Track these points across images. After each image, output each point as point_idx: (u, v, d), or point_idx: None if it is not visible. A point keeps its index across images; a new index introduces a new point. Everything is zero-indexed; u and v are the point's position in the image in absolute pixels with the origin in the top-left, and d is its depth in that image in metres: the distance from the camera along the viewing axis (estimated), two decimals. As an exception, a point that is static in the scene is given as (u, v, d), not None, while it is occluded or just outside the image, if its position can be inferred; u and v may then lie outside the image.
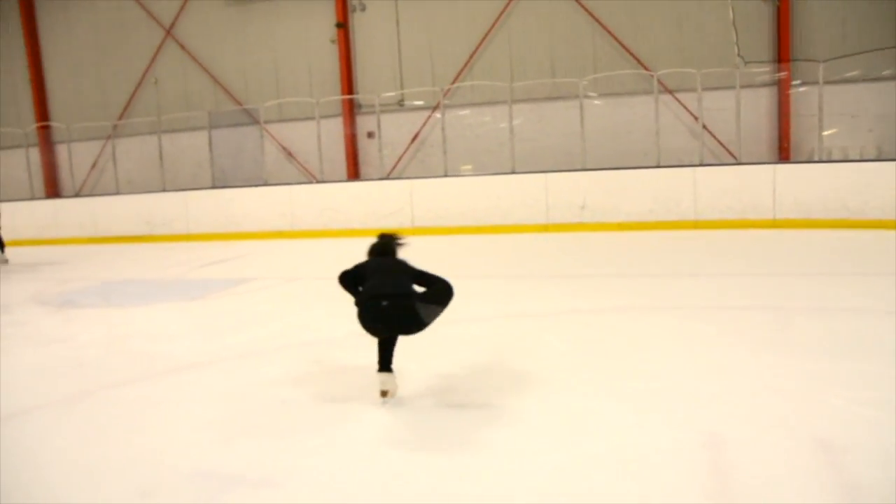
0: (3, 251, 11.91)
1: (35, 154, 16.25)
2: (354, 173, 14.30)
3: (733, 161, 11.95)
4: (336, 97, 14.00)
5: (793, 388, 3.92)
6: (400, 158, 13.90)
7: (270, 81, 14.72)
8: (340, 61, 14.26)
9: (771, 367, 4.30)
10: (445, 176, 12.62)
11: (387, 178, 13.38)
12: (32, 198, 15.39)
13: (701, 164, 11.46)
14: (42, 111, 16.57)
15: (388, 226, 12.09)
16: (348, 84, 13.97)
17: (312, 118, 13.47)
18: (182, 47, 15.44)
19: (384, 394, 4.10)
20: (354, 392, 4.27)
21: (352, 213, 12.60)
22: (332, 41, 14.32)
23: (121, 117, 15.61)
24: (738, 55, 12.18)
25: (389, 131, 13.76)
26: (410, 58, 14.08)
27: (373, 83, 14.14)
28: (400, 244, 4.51)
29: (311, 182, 13.61)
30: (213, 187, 13.99)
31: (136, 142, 15.23)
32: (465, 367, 4.68)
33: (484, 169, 12.91)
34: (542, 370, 4.52)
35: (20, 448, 3.74)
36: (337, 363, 5.00)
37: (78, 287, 9.36)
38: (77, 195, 15.79)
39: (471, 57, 13.69)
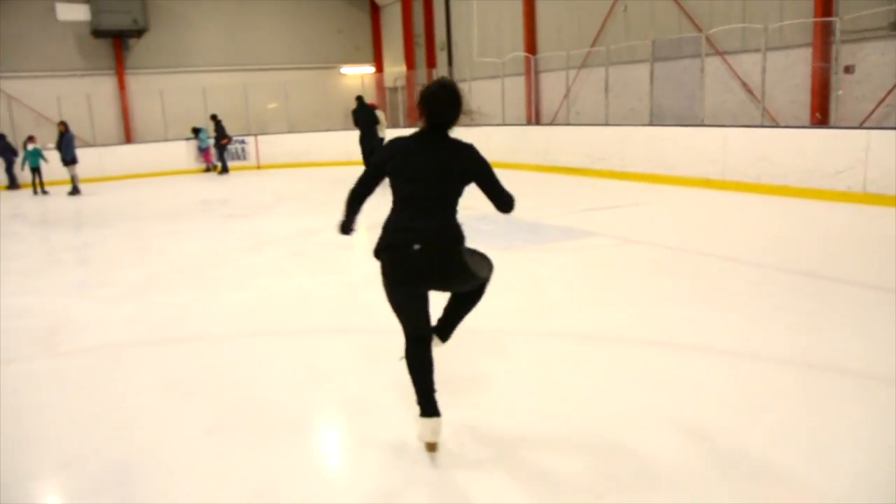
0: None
1: (518, 83, 17.54)
2: (822, 118, 11.64)
3: None
4: (808, 19, 11.42)
5: None
6: (881, 102, 10.74)
7: (735, 6, 12.77)
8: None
9: None
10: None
11: (842, 126, 10.57)
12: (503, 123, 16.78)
13: None
14: (531, 42, 17.67)
15: (832, 188, 9.74)
16: (822, 3, 11.20)
17: (775, 48, 11.38)
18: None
19: (432, 447, 3.17)
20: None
21: (788, 167, 10.41)
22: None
23: (593, 45, 15.61)
24: None
25: (867, 67, 10.74)
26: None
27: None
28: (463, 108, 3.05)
29: (769, 126, 11.58)
30: (651, 124, 13.11)
31: (596, 73, 15.12)
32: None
33: None
34: None
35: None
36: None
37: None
38: (551, 123, 16.65)
39: None
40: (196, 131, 20.52)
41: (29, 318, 5.94)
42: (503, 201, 3.20)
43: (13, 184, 18.18)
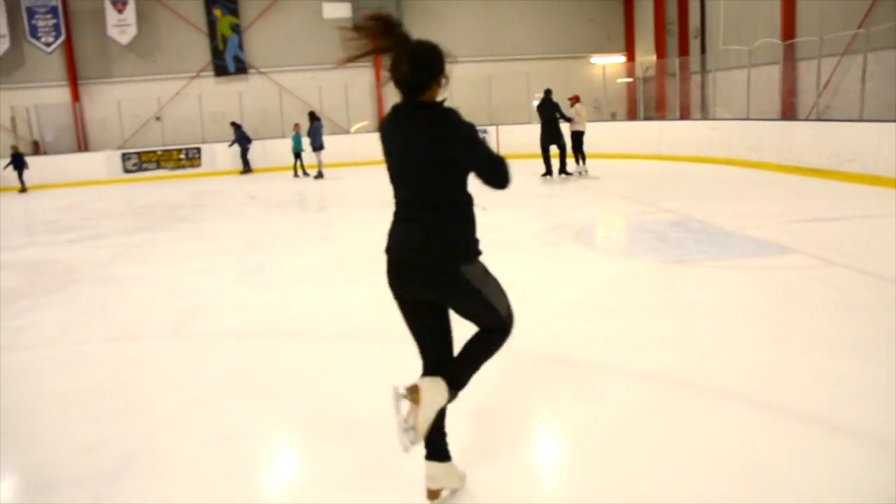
0: (584, 162, 14.11)
1: (767, 73, 15.58)
2: None
3: None
4: None
5: None
6: None
7: None
8: None
9: None
10: None
11: None
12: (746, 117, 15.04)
13: None
14: (789, 26, 15.55)
15: None
16: None
17: None
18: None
19: (433, 495, 2.74)
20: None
21: None
22: None
23: (859, 26, 13.32)
24: None
25: None
26: None
27: None
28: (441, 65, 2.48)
29: None
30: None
31: (857, 60, 12.86)
32: None
33: None
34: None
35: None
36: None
37: (648, 220, 9.13)
38: (806, 118, 14.62)
39: None
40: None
41: (183, 297, 6.50)
42: (487, 175, 2.52)
43: (247, 168, 21.24)
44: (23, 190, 20.92)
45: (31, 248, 10.23)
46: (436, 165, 2.45)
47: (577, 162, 14.64)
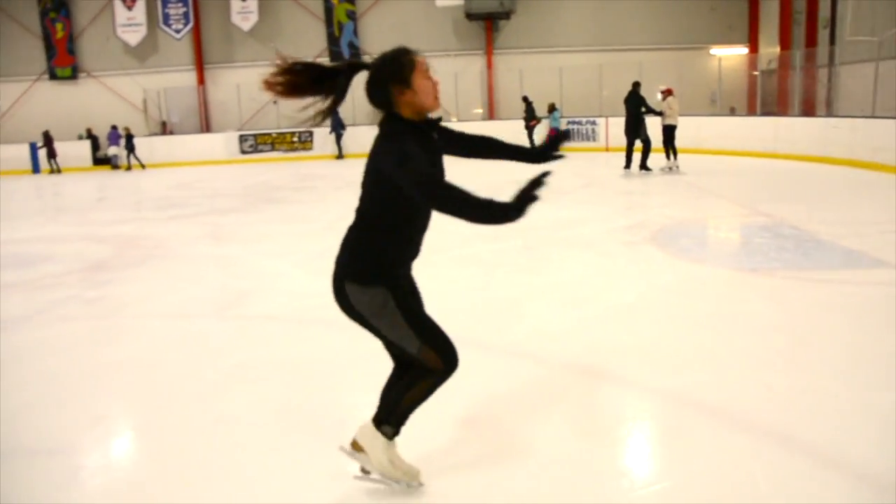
0: (676, 157, 13.62)
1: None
2: None
3: None
4: None
5: None
6: None
7: None
8: None
9: None
10: None
11: None
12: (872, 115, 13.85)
13: None
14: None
15: None
16: None
17: None
18: None
19: (364, 472, 2.71)
20: None
21: None
22: None
23: None
24: None
25: None
26: None
27: None
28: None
29: None
30: None
31: None
32: None
33: None
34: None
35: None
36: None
37: (737, 223, 8.62)
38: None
39: None
40: (551, 109, 20.97)
41: (243, 279, 6.72)
42: (436, 204, 2.32)
43: (341, 154, 22.12)
44: (134, 167, 22.45)
45: (134, 223, 10.89)
46: (368, 177, 2.41)
47: (668, 157, 14.03)
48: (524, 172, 2.43)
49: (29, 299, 6.32)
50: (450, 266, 6.87)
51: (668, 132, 13.77)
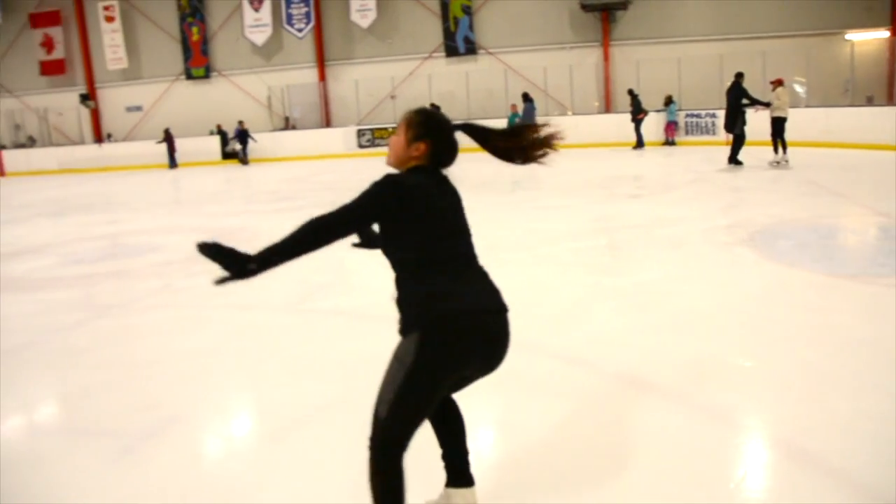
0: (785, 151, 13.02)
1: None
2: None
3: None
4: None
5: None
6: None
7: None
8: None
9: None
10: None
11: None
12: None
13: None
14: None
15: None
16: None
17: None
18: None
19: None
20: None
21: None
22: None
23: None
24: None
25: None
26: None
27: None
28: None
29: None
30: None
31: None
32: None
33: None
34: None
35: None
36: None
37: (845, 222, 7.98)
38: None
39: None
40: (668, 102, 20.21)
41: (323, 272, 6.85)
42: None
43: None
44: (245, 162, 23.48)
45: (242, 215, 11.44)
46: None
47: (776, 151, 13.17)
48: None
49: (128, 287, 6.79)
50: (526, 265, 6.77)
51: (777, 125, 12.97)
